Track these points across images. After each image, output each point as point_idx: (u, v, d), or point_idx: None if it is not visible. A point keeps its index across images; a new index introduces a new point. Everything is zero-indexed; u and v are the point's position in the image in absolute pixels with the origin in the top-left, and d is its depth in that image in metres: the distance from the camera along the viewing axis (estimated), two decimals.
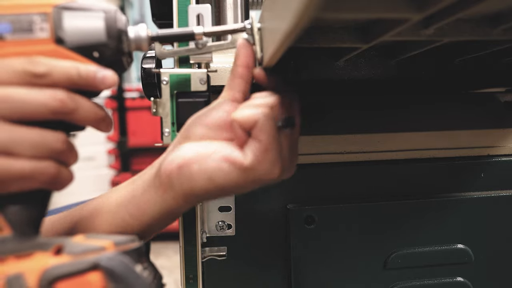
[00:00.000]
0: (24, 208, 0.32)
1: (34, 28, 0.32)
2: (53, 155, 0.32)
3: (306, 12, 0.25)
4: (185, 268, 0.48)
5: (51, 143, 0.32)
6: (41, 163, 0.31)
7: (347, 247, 0.55)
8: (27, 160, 0.30)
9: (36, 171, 0.31)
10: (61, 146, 0.32)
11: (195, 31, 0.40)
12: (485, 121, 0.61)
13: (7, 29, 0.32)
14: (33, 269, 0.29)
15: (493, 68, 0.66)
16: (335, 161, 0.56)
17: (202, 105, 0.44)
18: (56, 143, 0.32)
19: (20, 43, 0.32)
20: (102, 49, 0.34)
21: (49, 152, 0.32)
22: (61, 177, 0.33)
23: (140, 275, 0.30)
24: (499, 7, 0.37)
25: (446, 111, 0.63)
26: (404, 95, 0.66)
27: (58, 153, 0.32)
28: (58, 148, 0.32)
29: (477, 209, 0.56)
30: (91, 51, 0.34)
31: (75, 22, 0.33)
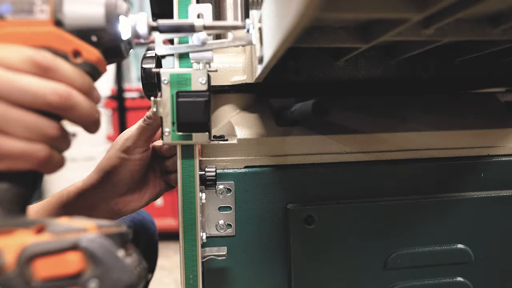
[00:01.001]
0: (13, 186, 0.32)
1: (35, 10, 0.33)
2: (46, 140, 0.33)
3: (306, 12, 0.25)
4: (185, 268, 0.48)
5: (45, 128, 0.32)
6: (32, 145, 0.32)
7: (347, 247, 0.55)
8: (19, 140, 0.31)
9: (27, 152, 0.31)
10: (55, 132, 0.33)
11: (195, 23, 0.40)
12: (485, 121, 0.61)
13: (8, 9, 0.33)
14: (12, 245, 0.29)
15: (493, 68, 0.66)
16: (335, 161, 0.56)
17: (202, 105, 0.44)
18: (49, 129, 0.33)
19: (20, 23, 0.33)
20: (101, 34, 0.35)
21: (42, 137, 0.32)
22: (52, 161, 0.33)
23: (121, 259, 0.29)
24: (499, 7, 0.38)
25: (446, 111, 0.63)
26: (404, 95, 0.66)
27: (51, 138, 0.33)
28: (52, 134, 0.33)
29: (477, 209, 0.56)
30: (89, 35, 0.35)
31: (75, 6, 0.34)
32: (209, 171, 0.50)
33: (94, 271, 0.28)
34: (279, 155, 0.55)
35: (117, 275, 0.29)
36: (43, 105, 0.32)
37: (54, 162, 0.34)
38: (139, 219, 0.81)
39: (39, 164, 0.32)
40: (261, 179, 0.55)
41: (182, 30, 0.41)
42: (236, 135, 0.56)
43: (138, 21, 0.38)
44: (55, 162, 0.34)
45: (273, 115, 0.60)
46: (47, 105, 0.32)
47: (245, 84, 0.58)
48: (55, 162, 0.34)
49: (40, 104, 0.32)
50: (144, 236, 0.81)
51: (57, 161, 0.34)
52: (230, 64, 0.59)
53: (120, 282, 0.28)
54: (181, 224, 0.48)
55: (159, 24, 0.40)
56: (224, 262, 0.55)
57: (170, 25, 0.40)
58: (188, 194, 0.47)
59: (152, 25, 0.39)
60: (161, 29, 0.40)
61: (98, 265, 0.28)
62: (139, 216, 0.82)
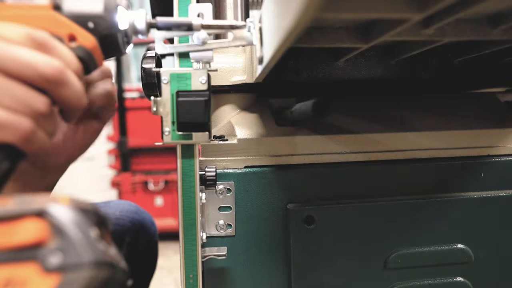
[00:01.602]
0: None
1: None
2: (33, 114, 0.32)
3: (306, 12, 0.25)
4: (185, 268, 0.48)
5: (33, 101, 0.31)
6: (17, 116, 0.31)
7: (347, 247, 0.55)
8: (4, 110, 0.30)
9: (9, 122, 0.30)
10: (43, 108, 0.32)
11: (193, 21, 0.41)
12: (485, 121, 0.61)
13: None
14: None
15: (493, 68, 0.66)
16: (335, 161, 0.56)
17: (202, 104, 0.44)
18: (38, 103, 0.32)
19: (20, 7, 0.33)
20: (98, 21, 0.35)
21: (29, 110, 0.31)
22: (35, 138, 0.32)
23: (92, 239, 0.25)
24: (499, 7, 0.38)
25: (446, 111, 0.63)
26: (404, 95, 0.66)
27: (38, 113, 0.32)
28: (39, 108, 0.32)
29: (477, 209, 0.56)
30: (86, 21, 0.35)
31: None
32: (209, 171, 0.50)
33: (58, 244, 0.24)
34: (279, 155, 0.55)
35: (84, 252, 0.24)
36: (35, 77, 0.31)
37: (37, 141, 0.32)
38: (139, 220, 0.81)
39: (20, 138, 0.31)
40: (261, 179, 0.55)
41: (180, 28, 0.41)
42: (236, 135, 0.56)
43: (137, 17, 0.39)
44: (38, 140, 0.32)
45: (273, 115, 0.60)
46: (39, 77, 0.31)
47: (245, 84, 0.58)
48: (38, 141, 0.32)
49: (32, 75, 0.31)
50: (144, 237, 0.81)
51: (41, 140, 0.33)
52: (230, 64, 0.59)
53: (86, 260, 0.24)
54: (181, 224, 0.48)
55: (158, 21, 0.40)
56: (224, 262, 0.55)
57: (168, 23, 0.40)
58: (188, 194, 0.47)
59: (151, 22, 0.40)
60: (159, 26, 0.40)
61: (63, 238, 0.24)
62: (139, 217, 0.81)
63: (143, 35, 0.39)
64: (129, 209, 0.82)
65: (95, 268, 0.24)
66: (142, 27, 0.39)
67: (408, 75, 0.63)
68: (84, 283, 0.23)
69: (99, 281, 0.24)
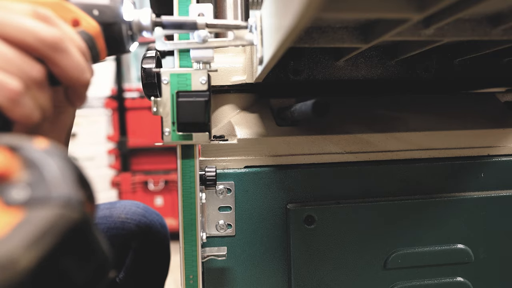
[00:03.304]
0: None
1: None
2: (25, 79, 0.31)
3: (306, 12, 0.25)
4: (185, 268, 0.48)
5: (27, 67, 0.31)
6: (6, 76, 0.30)
7: (347, 247, 0.55)
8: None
9: None
10: (36, 75, 0.31)
11: (197, 21, 0.41)
12: (485, 121, 0.61)
13: None
14: None
15: (493, 68, 0.66)
16: (335, 161, 0.56)
17: (203, 105, 0.44)
18: (32, 70, 0.31)
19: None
20: (103, 9, 0.36)
21: (21, 73, 0.30)
22: (23, 103, 0.31)
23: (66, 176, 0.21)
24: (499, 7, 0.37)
25: (446, 111, 0.63)
26: (404, 95, 0.66)
27: (31, 80, 0.31)
28: (33, 75, 0.31)
29: (477, 209, 0.56)
30: (91, 9, 0.36)
31: None
32: (209, 171, 0.50)
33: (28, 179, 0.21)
34: (279, 155, 0.55)
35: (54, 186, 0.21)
36: (33, 42, 0.31)
37: (25, 107, 0.31)
38: (146, 223, 0.76)
39: (7, 98, 0.30)
40: (261, 179, 0.55)
41: (184, 27, 0.41)
42: (236, 135, 0.56)
43: (142, 14, 0.39)
44: (26, 106, 0.31)
45: (273, 115, 0.60)
46: (37, 41, 0.31)
47: (245, 84, 0.58)
48: (26, 107, 0.31)
49: (30, 40, 0.31)
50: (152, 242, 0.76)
51: (28, 106, 0.31)
52: (230, 64, 0.59)
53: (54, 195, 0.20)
54: (181, 224, 0.48)
55: (163, 20, 0.41)
56: (224, 262, 0.55)
57: (173, 22, 0.41)
58: (188, 194, 0.47)
59: (156, 20, 0.40)
60: (165, 24, 0.41)
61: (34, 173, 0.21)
62: (147, 219, 0.77)
63: (148, 31, 0.40)
64: (136, 211, 0.77)
65: (65, 206, 0.20)
66: (147, 23, 0.39)
67: (408, 75, 0.63)
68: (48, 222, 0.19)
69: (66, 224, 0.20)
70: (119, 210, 0.77)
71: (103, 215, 0.76)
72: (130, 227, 0.75)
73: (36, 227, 0.19)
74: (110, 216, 0.75)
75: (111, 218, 0.75)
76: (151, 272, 0.79)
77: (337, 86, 0.66)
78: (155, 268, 0.79)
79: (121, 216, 0.75)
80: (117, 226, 0.74)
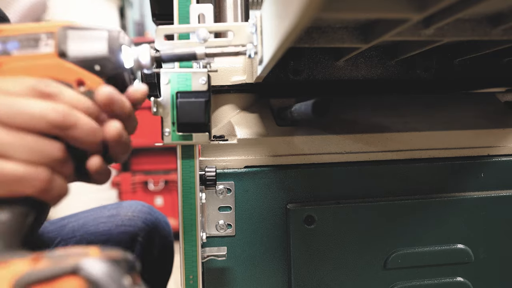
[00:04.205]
0: (13, 217, 0.31)
1: (40, 45, 0.34)
2: (49, 161, 0.32)
3: (306, 12, 0.25)
4: (185, 268, 0.48)
5: (47, 149, 0.31)
6: (33, 168, 0.31)
7: (347, 247, 0.55)
8: (21, 163, 0.30)
9: (28, 175, 0.30)
10: (58, 154, 0.32)
11: (197, 51, 0.41)
12: (485, 121, 0.61)
13: (15, 46, 0.34)
14: (6, 276, 0.26)
15: (493, 68, 0.66)
16: (335, 161, 0.56)
17: (203, 105, 0.44)
18: (52, 150, 0.32)
19: (25, 58, 0.34)
20: (104, 63, 0.36)
21: (44, 158, 0.31)
22: (54, 186, 0.32)
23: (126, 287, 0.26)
24: (499, 7, 0.38)
25: (446, 111, 0.63)
26: (404, 95, 0.66)
27: (54, 160, 0.32)
28: (54, 155, 0.32)
29: (477, 209, 0.56)
30: (92, 64, 0.35)
31: (78, 38, 0.35)
32: (209, 171, 0.50)
33: None
34: (279, 155, 0.55)
35: None
36: (44, 125, 0.31)
37: (56, 188, 0.32)
38: (152, 221, 0.80)
39: (40, 188, 0.31)
40: (261, 179, 0.55)
41: (184, 59, 0.42)
42: (236, 135, 0.56)
43: (141, 52, 0.39)
44: (58, 187, 0.32)
45: (273, 115, 0.60)
46: (48, 124, 0.31)
47: (245, 84, 0.58)
48: (57, 188, 0.32)
49: (41, 124, 0.31)
50: (157, 238, 0.80)
51: (60, 186, 0.33)
52: (230, 64, 0.59)
53: None
54: (181, 224, 0.48)
55: (162, 55, 0.41)
56: (224, 262, 0.55)
57: (172, 55, 0.41)
58: (188, 194, 0.47)
59: (155, 56, 0.40)
60: (164, 58, 0.41)
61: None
62: (152, 217, 0.80)
63: (148, 69, 0.40)
64: (141, 210, 0.81)
65: None
66: (147, 62, 0.39)
67: (408, 75, 0.63)
68: None
69: None
70: (126, 209, 0.81)
71: (111, 214, 0.80)
72: (136, 223, 0.78)
73: None
74: (118, 214, 0.79)
75: (119, 216, 0.79)
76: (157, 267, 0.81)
77: (337, 86, 0.66)
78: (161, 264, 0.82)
79: (128, 214, 0.79)
80: (124, 223, 0.78)
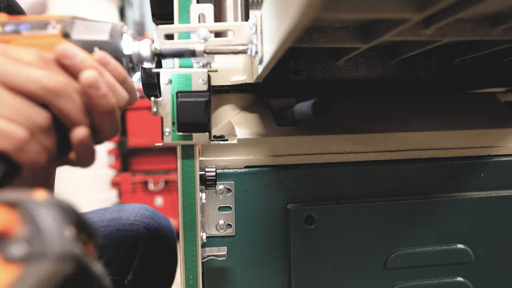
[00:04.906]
0: None
1: (48, 28, 0.37)
2: (31, 125, 0.32)
3: (306, 12, 0.25)
4: (185, 268, 0.48)
5: (32, 114, 0.32)
6: (12, 125, 0.31)
7: (347, 247, 0.55)
8: (3, 119, 0.31)
9: (6, 129, 0.31)
10: (42, 120, 0.32)
11: (196, 48, 0.41)
12: (485, 121, 0.61)
13: (26, 27, 0.37)
14: None
15: (493, 68, 0.66)
16: (335, 161, 0.56)
17: (203, 105, 0.44)
18: (37, 116, 0.32)
19: (33, 37, 0.37)
20: (103, 46, 0.37)
21: (26, 121, 0.32)
22: (30, 149, 0.32)
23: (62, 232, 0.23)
24: (499, 7, 0.38)
25: (446, 111, 0.63)
26: (404, 95, 0.66)
27: (36, 125, 0.32)
28: (38, 121, 0.32)
29: (477, 209, 0.56)
30: (92, 46, 0.37)
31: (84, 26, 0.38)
32: (209, 171, 0.50)
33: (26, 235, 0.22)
34: (279, 155, 0.55)
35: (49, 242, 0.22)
36: (37, 89, 0.32)
37: (32, 152, 0.32)
38: (155, 226, 0.77)
39: (14, 146, 0.31)
40: (261, 179, 0.55)
41: (184, 55, 0.42)
42: (236, 135, 0.56)
43: (142, 45, 0.40)
44: (33, 151, 0.32)
45: (273, 115, 0.60)
46: (41, 89, 0.32)
47: (245, 84, 0.58)
48: (32, 152, 0.32)
49: (34, 88, 0.32)
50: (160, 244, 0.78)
51: (35, 152, 0.32)
52: (230, 64, 0.59)
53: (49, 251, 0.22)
54: (181, 224, 0.48)
55: (162, 50, 0.41)
56: (224, 262, 0.55)
57: (172, 51, 0.42)
58: (188, 194, 0.47)
59: (155, 50, 0.41)
60: (164, 53, 0.42)
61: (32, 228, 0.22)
62: (155, 222, 0.78)
63: (148, 62, 0.41)
64: (144, 214, 0.78)
65: (59, 261, 0.22)
66: (147, 54, 0.40)
67: (408, 75, 0.63)
68: (44, 277, 0.21)
69: (62, 277, 0.21)
70: (128, 212, 0.78)
71: (112, 217, 0.77)
72: (138, 229, 0.76)
73: (31, 284, 0.20)
74: (119, 218, 0.77)
75: (120, 220, 0.77)
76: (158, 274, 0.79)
77: (337, 86, 0.66)
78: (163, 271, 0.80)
79: (130, 218, 0.77)
80: (125, 228, 0.75)
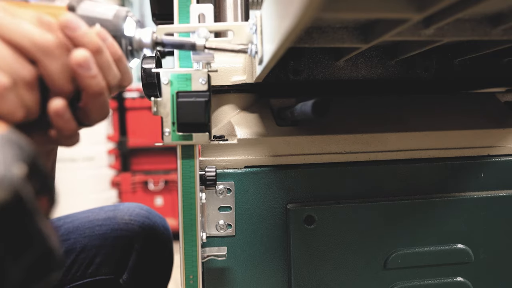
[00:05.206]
0: None
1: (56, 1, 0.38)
2: (14, 76, 0.31)
3: (306, 12, 0.25)
4: (185, 268, 0.48)
5: (18, 66, 0.32)
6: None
7: (347, 247, 0.55)
8: None
9: None
10: (26, 74, 0.32)
11: (196, 42, 0.42)
12: (485, 121, 0.61)
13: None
14: None
15: (493, 68, 0.66)
16: (335, 161, 0.56)
17: (203, 105, 0.44)
18: (22, 69, 0.32)
19: (40, 6, 0.37)
20: (105, 24, 0.38)
21: (11, 72, 0.31)
22: (8, 98, 0.31)
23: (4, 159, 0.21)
24: (499, 7, 0.38)
25: (446, 111, 0.63)
26: (404, 95, 0.66)
27: (20, 78, 0.32)
28: (22, 74, 0.32)
29: (477, 209, 0.56)
30: (94, 22, 0.38)
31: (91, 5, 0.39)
32: (209, 171, 0.50)
33: None
34: (279, 155, 0.55)
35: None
36: (27, 43, 0.32)
37: (10, 102, 0.31)
38: (149, 225, 0.77)
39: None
40: (261, 179, 0.55)
41: (184, 47, 0.42)
42: (236, 135, 0.56)
43: (144, 33, 0.40)
44: (11, 102, 0.31)
45: (273, 115, 0.60)
46: (31, 44, 0.32)
47: (245, 84, 0.58)
48: (10, 102, 0.31)
49: (25, 42, 0.32)
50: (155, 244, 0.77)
51: (13, 103, 0.31)
52: (230, 64, 0.59)
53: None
54: (181, 224, 0.48)
55: (163, 39, 0.42)
56: (224, 262, 0.55)
57: (173, 41, 0.42)
58: (188, 194, 0.47)
59: (157, 39, 0.41)
60: (165, 43, 0.42)
61: None
62: (150, 221, 0.77)
63: (148, 48, 0.41)
64: (139, 213, 0.78)
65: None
66: (147, 41, 0.40)
67: (408, 75, 0.63)
68: None
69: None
70: (123, 212, 0.77)
71: (107, 216, 0.77)
72: (133, 228, 0.75)
73: None
74: (114, 217, 0.76)
75: (115, 220, 0.76)
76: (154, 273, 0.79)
77: (337, 86, 0.66)
78: (158, 270, 0.80)
79: (125, 218, 0.76)
80: (120, 227, 0.75)
